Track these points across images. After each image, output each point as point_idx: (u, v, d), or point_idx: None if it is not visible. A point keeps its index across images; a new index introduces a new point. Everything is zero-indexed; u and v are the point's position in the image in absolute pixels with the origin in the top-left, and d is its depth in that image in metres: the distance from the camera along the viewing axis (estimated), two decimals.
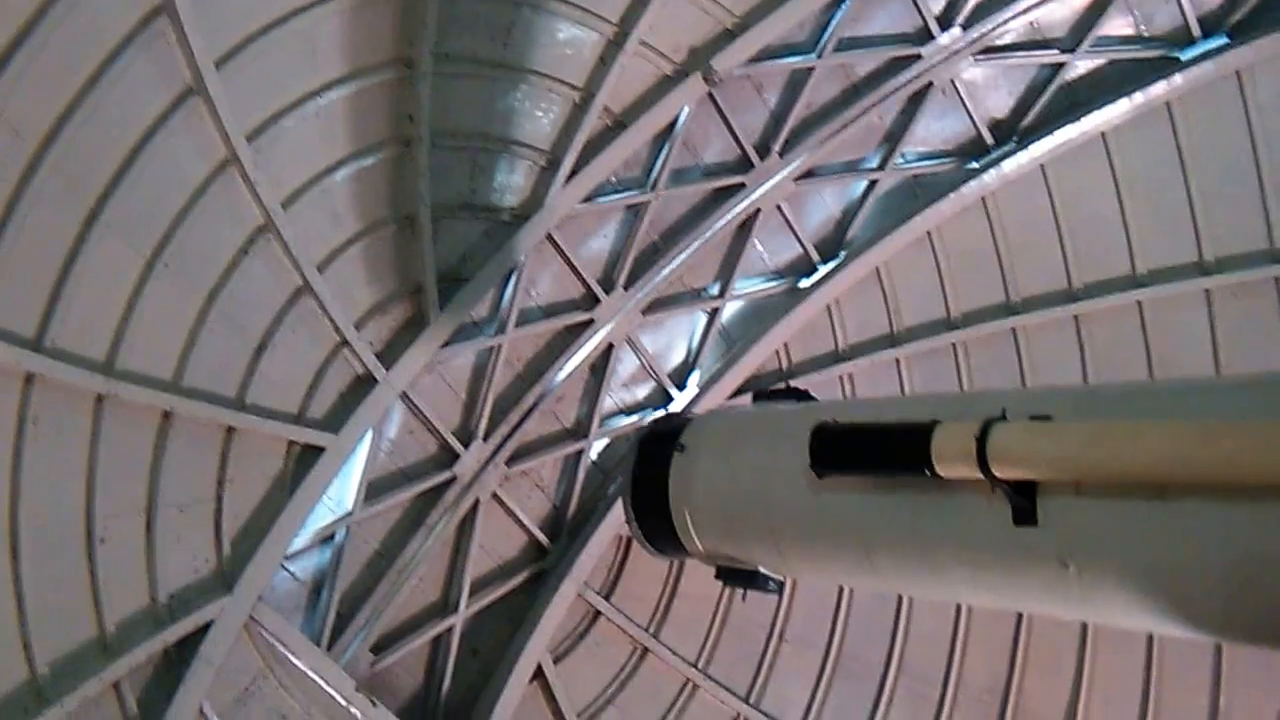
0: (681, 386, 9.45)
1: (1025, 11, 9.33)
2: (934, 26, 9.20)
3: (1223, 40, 9.30)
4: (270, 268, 6.93)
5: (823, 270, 9.68)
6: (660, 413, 9.09)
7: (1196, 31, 9.33)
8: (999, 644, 9.81)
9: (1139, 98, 9.35)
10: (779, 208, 9.38)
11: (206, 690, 6.52)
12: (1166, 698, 9.53)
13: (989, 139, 9.70)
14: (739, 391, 9.35)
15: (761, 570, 5.29)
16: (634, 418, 9.25)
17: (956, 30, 9.25)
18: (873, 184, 9.68)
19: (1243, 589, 3.26)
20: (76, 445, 5.95)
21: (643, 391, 9.38)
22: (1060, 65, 9.54)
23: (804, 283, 9.67)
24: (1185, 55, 9.36)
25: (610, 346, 8.95)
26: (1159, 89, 9.32)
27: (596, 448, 9.17)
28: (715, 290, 9.46)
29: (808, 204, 9.63)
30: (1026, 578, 3.89)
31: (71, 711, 5.81)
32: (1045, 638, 9.75)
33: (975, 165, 9.70)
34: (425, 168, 7.51)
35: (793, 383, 6.18)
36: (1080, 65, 9.59)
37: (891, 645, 9.79)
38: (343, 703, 7.41)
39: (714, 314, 9.47)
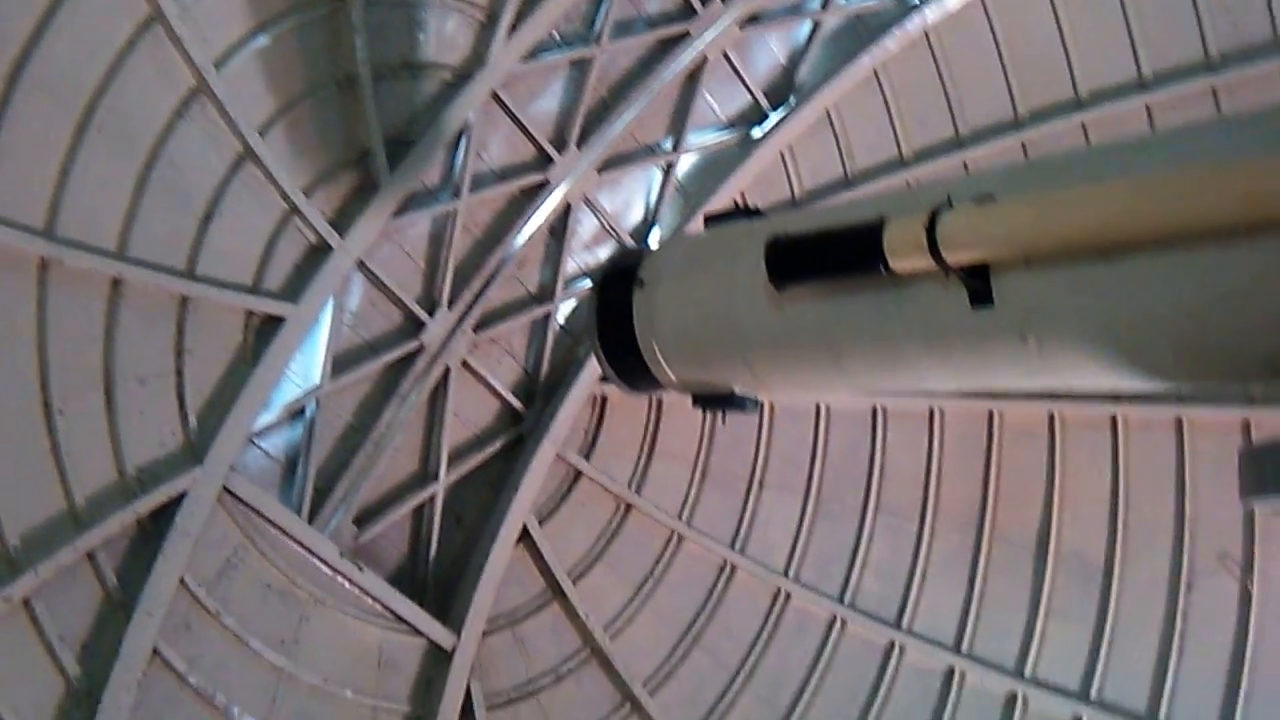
0: (643, 244, 9.39)
1: None
2: None
3: None
4: (208, 132, 6.71)
5: (774, 118, 9.58)
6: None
7: None
8: (971, 475, 9.95)
9: None
10: (726, 56, 9.23)
11: (186, 562, 6.47)
12: (1134, 511, 9.71)
13: None
14: None
15: (736, 391, 5.32)
16: None
17: None
18: (816, 26, 9.53)
19: (1189, 333, 3.35)
20: (24, 314, 5.80)
21: (605, 252, 9.29)
22: None
23: (756, 132, 9.58)
24: None
25: (568, 207, 8.84)
26: None
27: (563, 310, 9.13)
28: (669, 145, 9.35)
29: (754, 51, 9.47)
30: (990, 356, 3.94)
31: (47, 580, 5.79)
32: (1015, 464, 9.90)
33: None
34: (361, 24, 7.25)
35: None
36: None
37: (868, 485, 9.93)
38: (328, 571, 7.43)
39: (669, 169, 9.37)
